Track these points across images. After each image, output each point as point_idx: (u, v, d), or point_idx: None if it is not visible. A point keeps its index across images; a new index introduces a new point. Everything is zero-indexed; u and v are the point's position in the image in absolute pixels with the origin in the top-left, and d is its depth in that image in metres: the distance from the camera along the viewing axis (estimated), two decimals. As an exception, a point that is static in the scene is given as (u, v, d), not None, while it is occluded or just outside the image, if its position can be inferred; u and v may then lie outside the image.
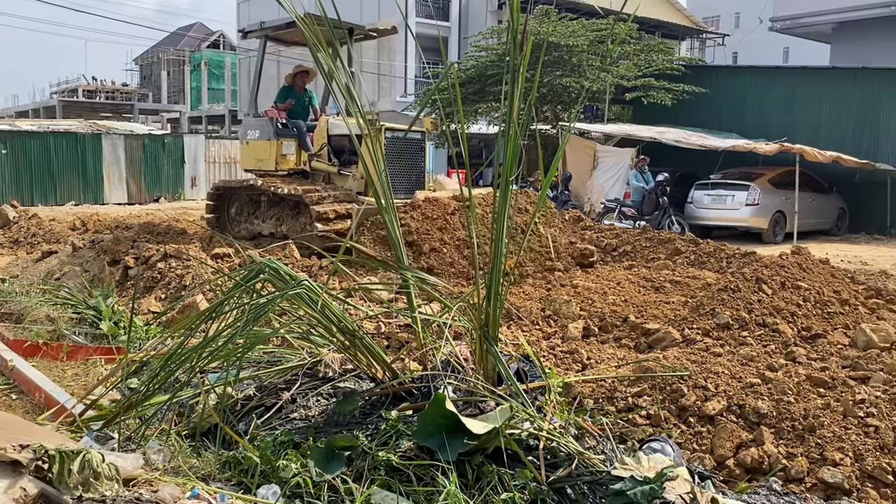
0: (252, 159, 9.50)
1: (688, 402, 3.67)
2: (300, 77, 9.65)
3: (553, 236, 7.97)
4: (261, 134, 9.40)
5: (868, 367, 4.03)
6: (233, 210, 9.56)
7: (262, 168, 9.28)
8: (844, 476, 3.15)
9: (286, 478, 2.94)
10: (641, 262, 8.14)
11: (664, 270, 7.14)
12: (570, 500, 2.79)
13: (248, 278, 3.18)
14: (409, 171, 8.65)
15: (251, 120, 9.70)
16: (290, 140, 9.10)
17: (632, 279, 6.68)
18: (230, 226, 9.46)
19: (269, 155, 9.16)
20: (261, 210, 9.06)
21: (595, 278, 6.94)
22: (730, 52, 40.08)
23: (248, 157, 9.62)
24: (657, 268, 7.36)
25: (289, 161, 9.06)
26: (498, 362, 3.20)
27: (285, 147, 9.12)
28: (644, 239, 8.94)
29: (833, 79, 19.32)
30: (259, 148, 9.34)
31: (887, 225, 17.95)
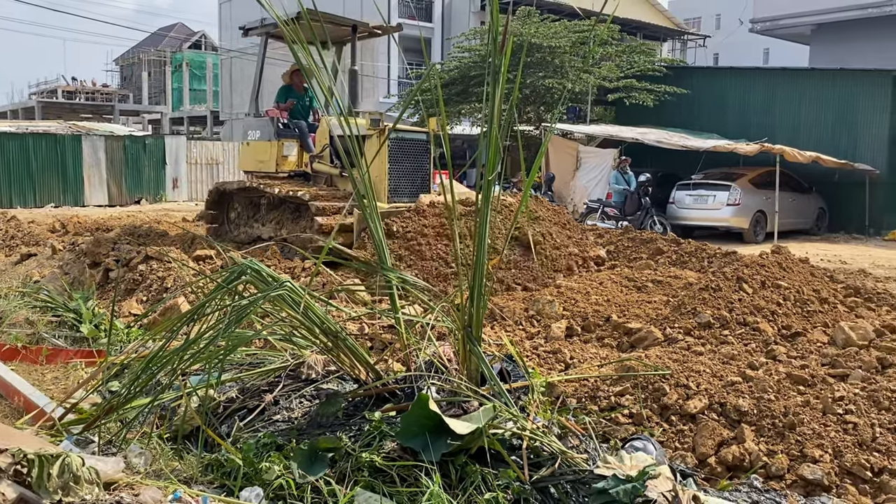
0: (252, 160, 9.28)
1: (670, 400, 3.70)
2: (297, 76, 9.42)
3: (558, 241, 7.84)
4: (261, 134, 9.17)
5: (847, 364, 4.07)
6: (232, 213, 9.31)
7: (263, 169, 9.06)
8: (824, 473, 3.18)
9: (269, 480, 2.92)
10: (624, 261, 8.19)
11: (646, 270, 7.19)
12: (553, 499, 2.80)
13: (230, 280, 3.17)
14: (413, 173, 8.36)
15: (251, 120, 9.47)
16: (292, 141, 8.91)
17: (614, 279, 6.72)
18: (230, 229, 9.20)
19: (270, 156, 8.94)
20: (261, 213, 8.81)
21: (578, 278, 6.97)
22: (711, 54, 40.38)
23: (249, 158, 9.39)
24: (639, 267, 7.41)
25: (290, 163, 8.85)
26: (481, 362, 3.20)
27: (286, 148, 8.90)
28: (626, 239, 9.00)
29: (812, 80, 19.53)
30: (259, 149, 9.14)
31: (866, 224, 18.17)
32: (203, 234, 8.65)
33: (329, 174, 8.65)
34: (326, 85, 3.58)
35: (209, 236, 8.99)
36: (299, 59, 3.69)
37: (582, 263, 7.88)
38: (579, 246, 8.15)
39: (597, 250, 8.29)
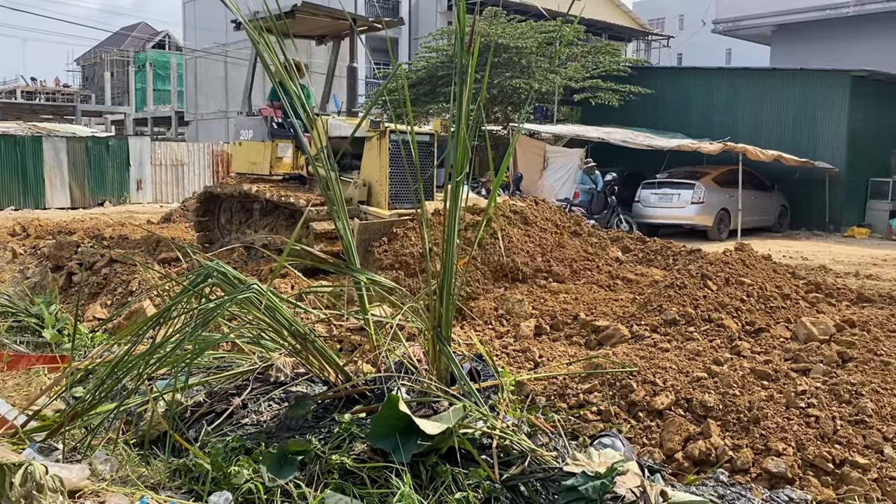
0: (245, 162, 8.79)
1: (637, 397, 3.74)
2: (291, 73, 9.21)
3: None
4: (254, 134, 8.70)
5: (809, 359, 4.16)
6: (223, 219, 8.82)
7: (256, 171, 8.58)
8: (787, 465, 3.24)
9: (238, 484, 2.90)
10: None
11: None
12: (524, 497, 2.82)
13: (196, 283, 3.13)
14: (414, 178, 7.93)
15: (244, 119, 9.03)
16: (287, 142, 8.44)
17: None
18: (221, 235, 8.74)
19: (264, 157, 8.46)
20: (253, 219, 8.36)
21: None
22: (675, 54, 40.90)
23: (241, 159, 8.91)
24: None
25: (285, 164, 8.39)
26: (451, 362, 3.21)
27: (281, 149, 8.43)
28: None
29: (773, 80, 19.88)
30: (252, 150, 8.67)
31: (826, 221, 18.55)
32: (168, 237, 8.48)
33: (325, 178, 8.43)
34: (295, 86, 3.55)
35: (198, 244, 8.64)
36: (263, 57, 3.66)
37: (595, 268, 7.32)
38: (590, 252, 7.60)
39: (615, 252, 7.90)
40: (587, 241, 7.68)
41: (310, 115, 3.48)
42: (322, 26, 8.50)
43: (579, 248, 7.47)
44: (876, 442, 3.38)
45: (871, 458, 3.30)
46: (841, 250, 14.56)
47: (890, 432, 3.44)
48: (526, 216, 7.35)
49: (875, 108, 19.13)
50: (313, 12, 7.93)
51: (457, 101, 2.99)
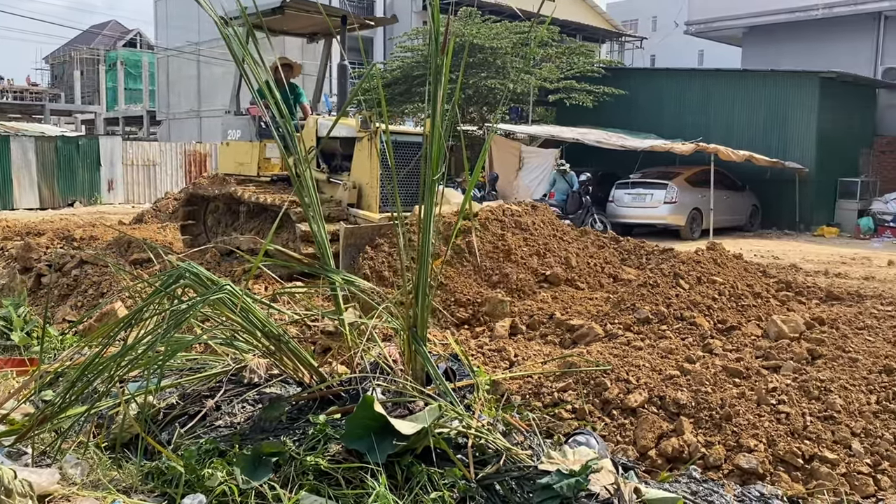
0: (232, 162, 8.55)
1: (611, 395, 3.77)
2: (284, 71, 8.56)
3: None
4: (242, 134, 8.46)
5: (779, 356, 4.22)
6: (210, 221, 8.56)
7: (243, 172, 8.31)
8: (759, 461, 3.29)
9: (212, 486, 2.87)
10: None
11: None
12: (499, 496, 2.83)
13: (168, 284, 3.10)
14: (408, 179, 7.51)
15: (231, 118, 8.81)
16: (275, 142, 7.98)
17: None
18: (207, 238, 8.44)
19: (251, 158, 8.23)
20: (239, 221, 8.06)
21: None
22: (648, 55, 41.25)
23: (228, 159, 8.67)
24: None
25: (273, 165, 8.14)
26: (426, 362, 3.21)
27: (269, 150, 8.21)
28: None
29: (744, 81, 20.15)
30: (240, 150, 8.42)
31: (796, 220, 18.84)
32: (140, 238, 8.34)
33: (316, 179, 7.79)
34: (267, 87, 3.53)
35: (185, 248, 8.37)
36: (235, 55, 3.63)
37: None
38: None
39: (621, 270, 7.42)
40: (589, 244, 7.52)
41: (286, 116, 3.45)
42: (313, 23, 8.32)
43: (583, 252, 7.27)
44: (844, 437, 3.44)
45: (839, 453, 3.36)
46: (811, 249, 14.79)
47: (858, 428, 3.51)
48: (524, 221, 7.12)
49: (843, 108, 19.48)
50: (304, 9, 7.75)
51: (431, 101, 2.99)
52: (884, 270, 11.40)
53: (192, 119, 34.54)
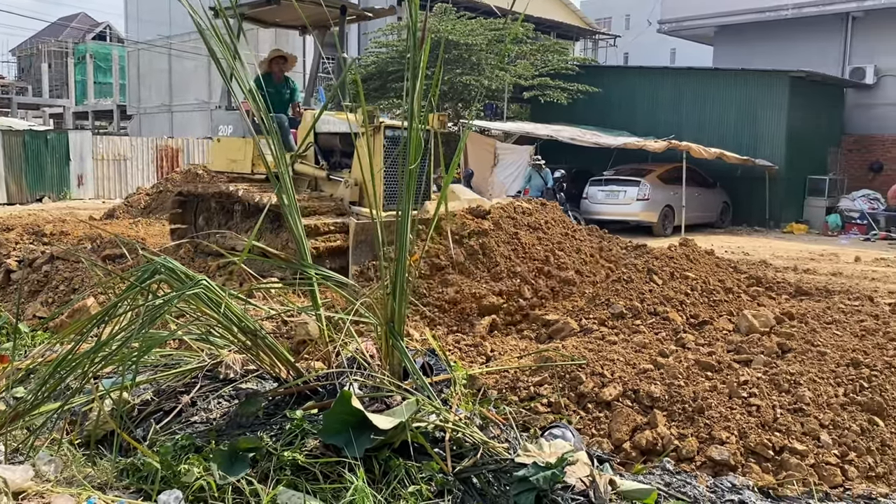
0: (224, 159, 8.13)
1: (586, 388, 3.81)
2: (277, 64, 8.37)
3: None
4: (234, 130, 8.12)
5: (750, 350, 4.29)
6: (200, 220, 8.15)
7: (236, 170, 7.92)
8: (730, 453, 3.35)
9: (188, 482, 2.86)
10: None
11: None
12: (476, 489, 2.85)
13: (143, 279, 3.07)
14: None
15: (223, 113, 8.52)
16: (271, 138, 7.96)
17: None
18: (199, 239, 7.98)
19: (245, 155, 7.86)
20: (234, 221, 7.64)
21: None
22: (621, 53, 41.52)
23: (220, 156, 8.28)
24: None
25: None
26: (403, 357, 3.23)
27: (264, 146, 8.00)
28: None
29: (716, 79, 20.39)
30: (232, 146, 8.02)
31: (766, 217, 19.13)
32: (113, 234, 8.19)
33: (313, 177, 7.61)
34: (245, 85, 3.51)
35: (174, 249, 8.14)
36: (210, 45, 3.60)
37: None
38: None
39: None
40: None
41: (263, 112, 3.43)
42: (308, 14, 8.09)
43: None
44: (813, 429, 3.51)
45: (808, 444, 3.43)
46: (780, 246, 15.03)
47: (826, 419, 3.58)
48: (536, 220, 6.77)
49: (812, 107, 19.80)
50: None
51: (409, 96, 3.00)
52: (851, 267, 11.63)
53: (164, 114, 34.13)
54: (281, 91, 8.35)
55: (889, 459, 3.41)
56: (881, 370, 3.94)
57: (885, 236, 17.38)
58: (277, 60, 8.37)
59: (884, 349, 4.29)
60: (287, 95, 8.47)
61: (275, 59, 8.40)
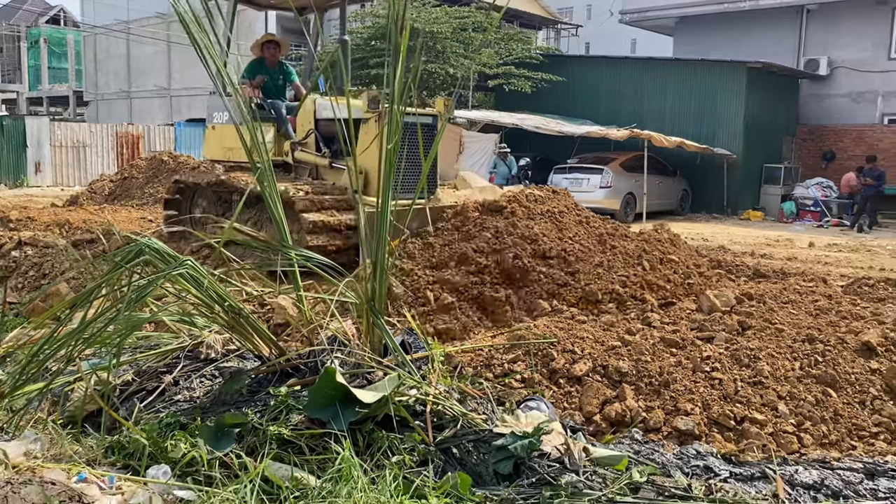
0: (219, 147, 7.79)
1: (558, 365, 3.96)
2: (269, 48, 8.08)
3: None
4: (230, 117, 7.68)
5: (712, 328, 4.49)
6: (197, 210, 7.87)
7: (233, 158, 7.54)
8: (695, 423, 3.53)
9: (175, 458, 2.94)
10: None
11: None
12: (456, 458, 2.98)
13: (128, 259, 3.13)
14: (416, 163, 6.82)
15: (217, 99, 8.05)
16: (268, 125, 7.45)
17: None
18: (195, 229, 7.62)
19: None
20: (233, 212, 7.15)
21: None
22: (583, 43, 41.88)
23: (214, 143, 7.94)
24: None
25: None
26: (384, 333, 3.33)
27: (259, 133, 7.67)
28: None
29: (676, 69, 20.76)
30: (229, 134, 7.65)
31: (724, 205, 19.60)
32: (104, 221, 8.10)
33: (315, 164, 7.33)
34: (216, 67, 3.56)
35: (168, 243, 7.85)
36: (190, 32, 3.64)
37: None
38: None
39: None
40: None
41: (240, 90, 3.49)
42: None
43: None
44: (772, 400, 3.71)
45: (767, 414, 3.63)
46: (738, 232, 15.43)
47: (783, 391, 3.79)
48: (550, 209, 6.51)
49: (768, 98, 20.29)
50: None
51: (390, 82, 3.09)
52: (805, 252, 12.02)
53: (123, 100, 33.50)
54: (275, 77, 8.16)
55: (841, 428, 3.63)
56: (834, 345, 4.17)
57: (837, 223, 17.95)
58: (268, 45, 8.14)
59: (836, 326, 4.53)
60: (281, 81, 8.24)
61: (266, 44, 8.17)
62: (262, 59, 8.09)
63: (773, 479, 2.80)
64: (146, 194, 11.39)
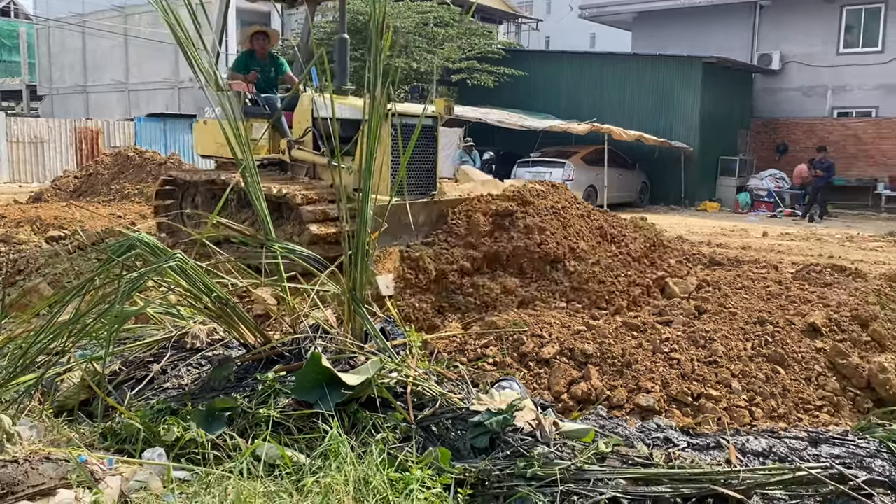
0: (211, 143, 7.51)
1: (527, 349, 4.20)
2: (258, 40, 7.81)
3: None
4: (223, 112, 7.70)
5: (671, 313, 4.78)
6: (188, 209, 7.64)
7: (226, 154, 7.17)
8: (655, 400, 3.80)
9: (168, 441, 3.11)
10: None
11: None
12: (435, 435, 3.19)
13: (121, 252, 3.27)
14: (420, 164, 6.80)
15: (209, 94, 8.04)
16: (262, 121, 7.32)
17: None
18: (187, 227, 7.39)
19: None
20: (228, 212, 7.00)
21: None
22: (543, 37, 42.31)
23: (207, 139, 7.67)
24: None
25: (261, 147, 7.26)
26: (365, 321, 3.53)
27: (256, 130, 7.32)
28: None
29: (635, 64, 21.20)
30: (221, 130, 7.57)
31: (682, 196, 20.12)
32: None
33: (313, 163, 7.15)
34: (205, 65, 3.70)
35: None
36: (171, 23, 3.77)
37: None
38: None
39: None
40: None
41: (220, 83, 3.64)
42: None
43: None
44: (725, 378, 4.00)
45: (721, 391, 3.92)
46: (695, 222, 15.90)
47: (736, 370, 4.08)
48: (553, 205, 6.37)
49: (724, 92, 20.86)
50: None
51: (371, 83, 3.28)
52: (759, 241, 12.49)
53: (79, 94, 32.90)
54: (266, 70, 7.89)
55: (789, 402, 3.94)
56: (783, 327, 4.48)
57: (789, 213, 18.58)
58: (258, 37, 7.86)
59: (785, 310, 4.85)
60: (273, 73, 7.99)
61: (255, 36, 7.90)
62: (252, 52, 7.90)
63: (727, 447, 3.06)
64: (112, 190, 11.35)
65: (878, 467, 2.78)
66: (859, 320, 4.55)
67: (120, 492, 2.40)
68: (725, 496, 2.68)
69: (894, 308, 4.81)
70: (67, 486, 2.19)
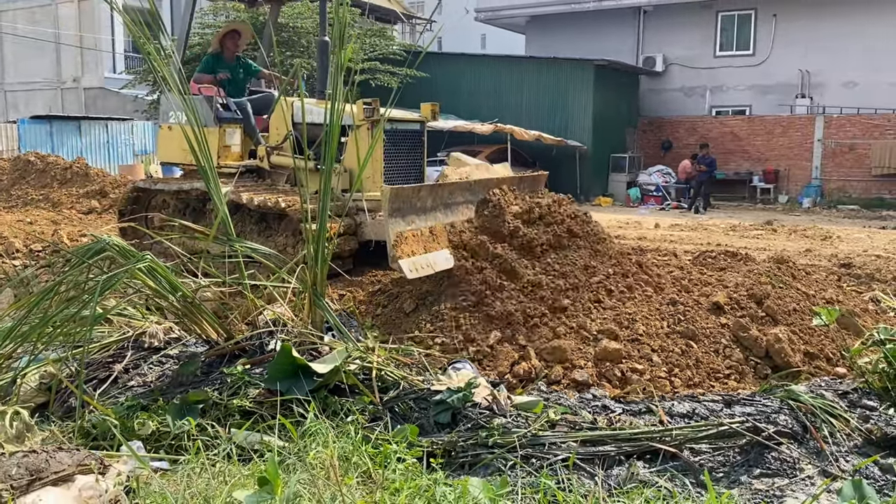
0: (176, 149, 7.08)
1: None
2: (230, 39, 7.62)
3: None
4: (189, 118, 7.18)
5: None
6: (156, 220, 7.28)
7: (192, 161, 7.06)
8: (588, 375, 4.22)
9: (144, 435, 3.26)
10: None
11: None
12: (400, 415, 3.48)
13: (91, 254, 3.38)
14: (407, 168, 6.87)
15: (175, 98, 7.50)
16: (234, 126, 7.11)
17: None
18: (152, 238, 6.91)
19: (210, 146, 6.90)
20: (206, 221, 6.81)
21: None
22: (437, 39, 42.90)
23: (171, 145, 7.30)
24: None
25: (234, 154, 7.08)
26: (327, 313, 3.77)
27: (228, 136, 7.10)
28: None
29: (530, 67, 22.02)
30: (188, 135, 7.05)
31: (578, 192, 21.07)
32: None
33: (292, 169, 6.99)
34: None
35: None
36: (130, 25, 3.87)
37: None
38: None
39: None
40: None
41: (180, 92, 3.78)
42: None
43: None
44: (647, 353, 4.48)
45: (644, 365, 4.38)
46: (594, 217, 16.71)
47: (656, 345, 4.57)
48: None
49: (613, 93, 21.99)
50: None
51: (332, 92, 3.52)
52: (652, 232, 13.38)
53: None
54: (235, 71, 7.68)
55: (702, 372, 4.45)
56: (692, 306, 5.02)
57: (676, 206, 19.85)
58: (231, 35, 7.63)
59: (690, 291, 5.40)
60: (241, 75, 7.76)
61: (228, 34, 7.66)
62: (219, 55, 7.66)
63: (657, 411, 3.50)
64: (14, 196, 10.84)
65: (783, 421, 3.27)
66: (755, 298, 5.15)
67: (127, 477, 2.56)
68: (660, 451, 3.10)
69: (783, 286, 5.45)
70: (83, 472, 2.34)
